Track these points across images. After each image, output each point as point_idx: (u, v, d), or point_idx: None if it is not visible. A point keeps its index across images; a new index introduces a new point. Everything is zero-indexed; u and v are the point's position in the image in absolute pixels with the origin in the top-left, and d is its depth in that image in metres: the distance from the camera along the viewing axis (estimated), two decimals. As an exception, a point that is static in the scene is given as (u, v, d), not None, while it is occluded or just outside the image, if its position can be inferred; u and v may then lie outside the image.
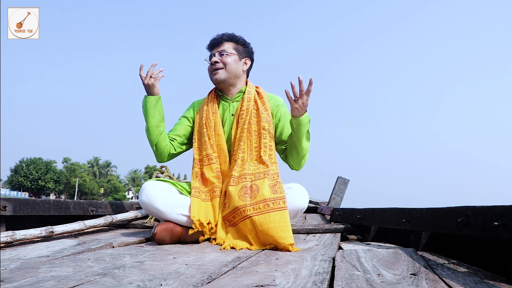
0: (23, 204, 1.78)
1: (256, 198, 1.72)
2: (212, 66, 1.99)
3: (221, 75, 1.97)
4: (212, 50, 2.02)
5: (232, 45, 2.02)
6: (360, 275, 1.08)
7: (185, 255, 1.42)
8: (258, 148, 1.90)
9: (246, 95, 1.99)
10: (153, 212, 1.82)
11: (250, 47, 2.09)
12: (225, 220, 1.80)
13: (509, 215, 0.99)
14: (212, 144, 1.95)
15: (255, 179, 1.81)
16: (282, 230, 1.62)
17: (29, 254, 1.35)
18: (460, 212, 1.20)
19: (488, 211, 1.07)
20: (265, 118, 1.95)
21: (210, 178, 1.90)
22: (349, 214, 2.35)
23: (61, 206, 1.98)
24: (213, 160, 1.93)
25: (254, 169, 1.85)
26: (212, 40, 2.03)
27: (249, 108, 1.95)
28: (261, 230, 1.65)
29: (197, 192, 1.87)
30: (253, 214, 1.69)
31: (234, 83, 2.02)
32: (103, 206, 2.31)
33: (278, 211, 1.67)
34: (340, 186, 3.08)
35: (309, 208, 3.77)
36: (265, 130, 1.93)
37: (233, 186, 1.80)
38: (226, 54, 1.98)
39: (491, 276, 1.09)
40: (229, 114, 2.01)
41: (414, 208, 1.55)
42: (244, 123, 1.93)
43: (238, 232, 1.74)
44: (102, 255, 1.36)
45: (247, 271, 1.14)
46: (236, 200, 1.74)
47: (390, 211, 1.77)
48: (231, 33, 2.05)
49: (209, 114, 2.00)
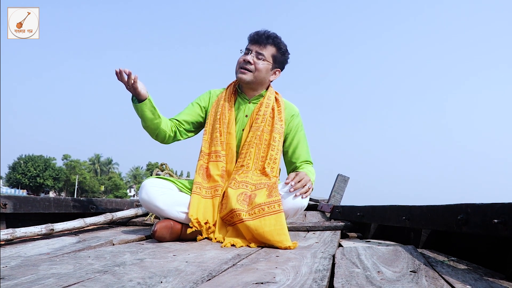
0: (23, 202, 1.78)
1: (252, 204, 1.72)
2: (243, 63, 1.94)
3: (247, 77, 1.93)
4: (252, 46, 1.95)
5: (273, 51, 1.95)
6: (360, 272, 1.08)
7: (185, 253, 1.42)
8: (264, 158, 1.90)
9: (266, 100, 1.98)
10: (153, 210, 1.82)
11: (287, 57, 2.03)
12: (223, 220, 1.80)
13: (509, 212, 0.99)
14: (222, 142, 1.94)
15: (255, 189, 1.81)
16: (278, 234, 1.62)
17: (29, 251, 1.35)
18: (460, 210, 1.20)
19: (488, 209, 1.07)
20: (278, 129, 1.94)
21: (214, 176, 1.89)
22: (349, 212, 2.36)
23: (61, 203, 1.98)
24: (221, 158, 1.91)
25: (257, 179, 1.86)
26: (257, 36, 1.95)
27: (265, 115, 1.94)
28: (257, 234, 1.65)
29: (198, 188, 1.86)
30: (248, 219, 1.68)
31: (256, 88, 2.00)
32: (103, 203, 2.31)
33: (274, 214, 1.67)
34: (340, 184, 3.08)
35: (309, 206, 3.77)
36: (275, 142, 1.92)
37: (233, 190, 1.80)
38: (263, 59, 1.93)
39: (491, 273, 1.09)
40: (243, 114, 1.99)
41: (414, 206, 1.55)
42: (257, 129, 1.92)
43: (237, 231, 1.74)
44: (102, 253, 1.36)
45: (247, 268, 1.15)
46: (233, 203, 1.73)
47: (390, 208, 1.78)
48: (277, 37, 1.96)
49: (224, 110, 1.97)
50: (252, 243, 1.67)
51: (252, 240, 1.68)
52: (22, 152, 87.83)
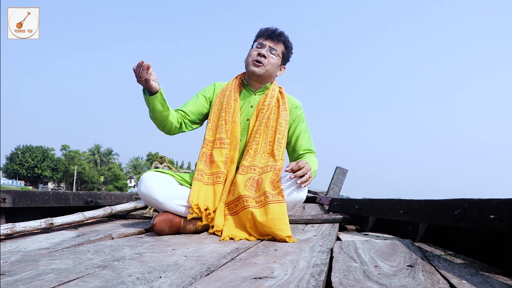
0: (23, 196, 1.78)
1: (259, 191, 1.77)
2: (257, 56, 2.01)
3: (260, 70, 2.01)
4: (266, 41, 2.03)
5: (283, 48, 2.07)
6: (358, 267, 1.09)
7: (184, 247, 1.43)
8: (272, 142, 1.96)
9: (270, 92, 2.06)
10: (152, 203, 1.83)
11: (291, 56, 2.14)
12: (227, 207, 1.82)
13: (505, 208, 1.00)
14: (227, 130, 1.99)
15: (262, 172, 1.85)
16: (280, 222, 1.64)
17: (29, 246, 1.35)
18: (457, 205, 1.21)
19: (485, 204, 1.08)
20: (283, 116, 2.01)
21: (218, 162, 1.92)
22: (347, 204, 2.37)
23: (61, 197, 1.98)
24: (225, 146, 1.96)
25: (264, 162, 1.90)
26: (271, 32, 2.04)
27: (270, 104, 2.01)
28: (259, 221, 1.67)
29: (199, 175, 1.90)
30: (254, 206, 1.72)
31: (264, 82, 2.08)
32: (103, 197, 2.31)
33: (277, 203, 1.70)
34: (338, 176, 3.09)
35: (307, 198, 3.78)
36: (281, 126, 1.99)
37: (242, 175, 1.85)
38: (276, 54, 2.03)
39: (487, 268, 1.10)
40: (248, 105, 2.05)
41: (412, 200, 1.56)
42: (263, 117, 1.98)
43: (238, 221, 1.77)
44: (101, 247, 1.37)
45: (245, 262, 1.15)
46: (241, 189, 1.79)
47: (388, 202, 1.78)
48: (287, 35, 2.08)
49: (230, 100, 2.03)
50: (252, 235, 1.69)
51: (252, 229, 1.71)
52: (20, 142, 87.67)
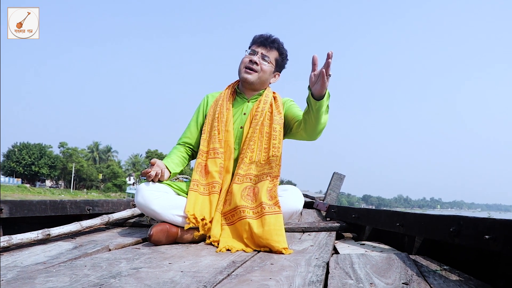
0: (20, 206, 1.78)
1: (256, 201, 1.77)
2: (249, 63, 2.01)
3: (253, 77, 2.01)
4: (258, 48, 2.03)
5: (276, 54, 2.06)
6: (353, 284, 1.10)
7: (181, 260, 1.43)
8: (267, 149, 1.94)
9: (264, 98, 2.04)
10: (149, 213, 1.84)
11: (286, 62, 2.14)
12: (224, 216, 1.82)
13: (500, 228, 1.01)
14: (221, 139, 1.99)
15: (258, 180, 1.86)
16: (277, 234, 1.65)
17: (25, 260, 1.35)
18: (453, 221, 1.22)
19: (480, 223, 1.08)
20: (277, 121, 1.99)
21: (212, 172, 1.93)
22: (344, 212, 2.37)
23: (58, 206, 1.98)
24: (219, 155, 1.96)
25: (259, 169, 1.90)
26: (263, 39, 2.04)
27: (264, 110, 2.00)
28: (256, 233, 1.68)
29: (195, 185, 1.91)
30: (251, 217, 1.73)
31: (257, 88, 2.07)
32: (100, 204, 2.31)
33: (274, 214, 1.70)
34: (336, 182, 3.09)
35: (305, 203, 3.80)
36: (275, 132, 1.97)
37: (238, 185, 1.85)
38: (268, 61, 2.02)
39: (481, 286, 1.11)
40: (241, 113, 2.05)
41: (408, 213, 1.56)
42: (257, 124, 1.97)
43: (234, 231, 1.77)
44: (98, 261, 1.37)
45: (241, 279, 1.16)
46: (238, 199, 1.79)
47: (385, 213, 1.79)
48: (281, 42, 2.07)
49: (222, 109, 2.03)
50: (248, 246, 1.69)
51: (249, 239, 1.71)
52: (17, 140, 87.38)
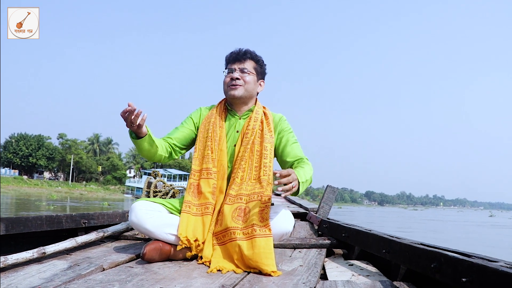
0: (16, 222, 1.82)
1: (246, 222, 1.79)
2: (231, 81, 2.01)
3: (239, 92, 2.00)
4: (233, 65, 2.04)
5: (253, 64, 2.06)
6: (336, 318, 1.14)
7: (172, 283, 1.47)
8: (258, 168, 1.94)
9: (254, 115, 2.04)
10: (143, 232, 1.88)
11: (265, 68, 2.14)
12: (215, 236, 1.86)
13: (477, 271, 1.05)
14: (214, 159, 1.98)
15: (249, 200, 1.85)
16: (266, 257, 1.68)
17: (20, 283, 1.39)
18: (435, 257, 1.26)
19: (459, 264, 1.13)
20: (268, 139, 1.99)
21: (205, 193, 1.93)
22: (335, 229, 2.42)
23: (54, 221, 2.02)
24: (212, 175, 1.96)
25: (251, 189, 1.89)
26: (235, 55, 2.05)
27: (254, 128, 2.00)
28: (246, 255, 1.71)
29: (187, 206, 1.91)
30: (241, 239, 1.75)
31: (247, 102, 2.07)
32: (95, 217, 2.35)
33: (264, 237, 1.73)
34: (329, 195, 3.13)
35: (298, 214, 3.85)
36: (266, 150, 1.96)
37: (229, 205, 1.86)
38: (247, 72, 2.02)
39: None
40: (234, 130, 2.05)
41: (394, 240, 1.60)
42: (248, 143, 1.97)
43: (225, 252, 1.80)
44: (92, 284, 1.41)
45: (229, 310, 1.20)
46: (229, 220, 1.81)
47: (372, 236, 1.83)
48: (253, 51, 2.08)
49: (215, 127, 2.02)
50: (239, 267, 1.73)
51: (239, 261, 1.75)
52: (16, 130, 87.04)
